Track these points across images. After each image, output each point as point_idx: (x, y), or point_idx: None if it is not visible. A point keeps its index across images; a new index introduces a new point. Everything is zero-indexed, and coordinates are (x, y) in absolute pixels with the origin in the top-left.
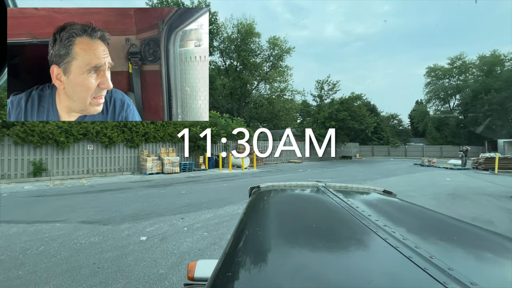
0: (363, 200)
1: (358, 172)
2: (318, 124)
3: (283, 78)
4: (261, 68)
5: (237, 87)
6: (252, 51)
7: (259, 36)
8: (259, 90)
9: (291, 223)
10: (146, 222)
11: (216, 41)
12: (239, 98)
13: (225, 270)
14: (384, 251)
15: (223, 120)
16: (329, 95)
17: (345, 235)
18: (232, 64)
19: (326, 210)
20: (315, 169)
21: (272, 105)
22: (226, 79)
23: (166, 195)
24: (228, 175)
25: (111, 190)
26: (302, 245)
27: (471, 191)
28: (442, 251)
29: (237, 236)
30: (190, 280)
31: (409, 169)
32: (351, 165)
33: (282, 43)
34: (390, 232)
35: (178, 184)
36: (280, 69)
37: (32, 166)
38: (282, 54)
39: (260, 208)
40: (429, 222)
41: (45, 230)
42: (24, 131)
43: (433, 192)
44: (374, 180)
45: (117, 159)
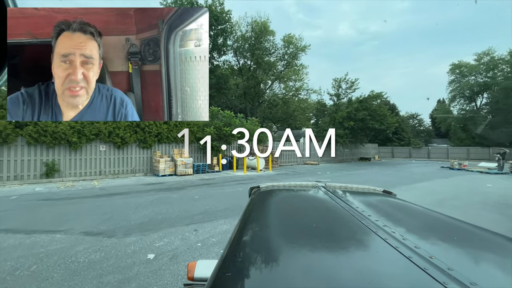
0: (363, 200)
1: (384, 176)
2: (336, 124)
3: (298, 77)
4: (275, 67)
5: (251, 87)
6: (266, 49)
7: (273, 34)
8: (273, 89)
9: (291, 223)
10: (155, 234)
11: (230, 40)
12: (252, 98)
13: (224, 270)
14: (384, 251)
15: (237, 120)
16: (347, 94)
17: (345, 235)
18: (246, 63)
19: (326, 210)
20: (335, 172)
21: (287, 104)
22: (239, 78)
23: (179, 200)
24: (243, 178)
25: (122, 194)
26: (302, 245)
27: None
28: (442, 251)
29: (237, 236)
30: (190, 280)
31: (439, 173)
32: (372, 167)
33: (297, 41)
34: (390, 232)
35: (191, 188)
36: (295, 68)
37: (44, 167)
38: (297, 52)
39: (260, 208)
40: (429, 222)
41: (42, 243)
42: (36, 131)
43: (478, 201)
44: (407, 185)
45: (129, 160)
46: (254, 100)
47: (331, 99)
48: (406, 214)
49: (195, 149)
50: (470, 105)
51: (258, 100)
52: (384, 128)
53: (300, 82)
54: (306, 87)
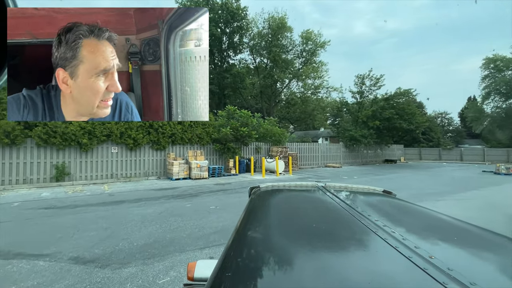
0: (363, 200)
1: (419, 182)
2: (358, 124)
3: (317, 74)
4: (293, 65)
5: (267, 85)
6: (284, 46)
7: (291, 30)
8: (291, 88)
9: (291, 223)
10: (160, 264)
11: (246, 37)
12: (269, 97)
13: (224, 270)
14: (384, 251)
15: (254, 120)
16: (371, 91)
17: (344, 235)
18: (262, 61)
19: (326, 210)
20: (362, 176)
21: (305, 103)
22: (255, 77)
23: (192, 211)
24: (262, 183)
25: (130, 202)
26: (301, 245)
27: None
28: (442, 251)
29: (236, 237)
30: (189, 280)
31: (484, 179)
32: (402, 171)
33: (316, 36)
34: (390, 232)
35: (206, 194)
36: (314, 65)
37: (54, 169)
38: (316, 49)
39: (260, 208)
40: (429, 222)
41: (18, 275)
42: (46, 132)
43: None
44: (457, 194)
45: (142, 162)
46: (271, 100)
47: (353, 97)
48: (406, 214)
49: (210, 151)
50: (507, 102)
51: (274, 99)
52: (412, 128)
53: (320, 79)
54: (326, 85)
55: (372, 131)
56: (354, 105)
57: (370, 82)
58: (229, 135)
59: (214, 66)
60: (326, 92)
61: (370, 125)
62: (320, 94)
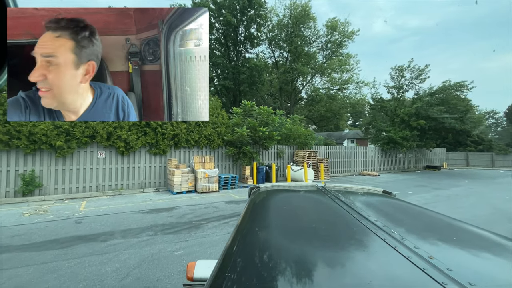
0: (362, 201)
1: (496, 200)
2: (396, 123)
3: (344, 67)
4: (315, 58)
5: (288, 81)
6: (306, 38)
7: (314, 20)
8: (313, 84)
9: (291, 224)
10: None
11: (264, 28)
12: (289, 94)
13: (224, 270)
14: (383, 252)
15: (276, 117)
16: (412, 85)
17: (344, 236)
18: (282, 55)
19: (326, 211)
20: (411, 187)
21: (333, 100)
22: (274, 74)
23: (181, 269)
24: None
25: (95, 239)
26: (301, 245)
27: None
28: (441, 252)
29: (236, 237)
30: (189, 280)
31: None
32: (458, 180)
33: (343, 25)
34: (389, 232)
35: (212, 224)
36: (341, 58)
37: (20, 181)
38: (343, 39)
39: (259, 208)
40: (428, 223)
41: None
42: (6, 132)
43: None
44: None
45: (136, 170)
46: (291, 98)
47: (389, 92)
48: (406, 214)
49: (222, 156)
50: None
51: (295, 97)
52: (467, 129)
53: (349, 73)
54: (356, 79)
55: (416, 131)
56: (390, 102)
57: (410, 74)
58: (245, 136)
59: (229, 60)
60: (356, 88)
61: (413, 125)
62: (349, 89)
